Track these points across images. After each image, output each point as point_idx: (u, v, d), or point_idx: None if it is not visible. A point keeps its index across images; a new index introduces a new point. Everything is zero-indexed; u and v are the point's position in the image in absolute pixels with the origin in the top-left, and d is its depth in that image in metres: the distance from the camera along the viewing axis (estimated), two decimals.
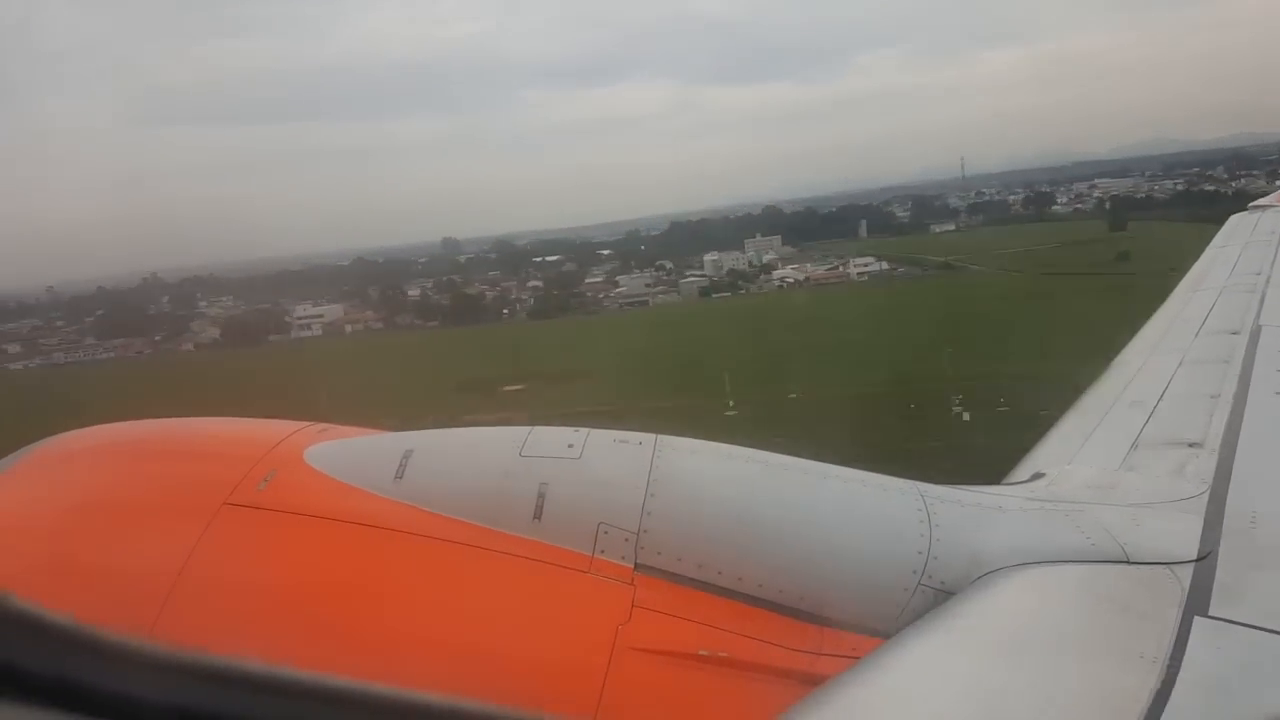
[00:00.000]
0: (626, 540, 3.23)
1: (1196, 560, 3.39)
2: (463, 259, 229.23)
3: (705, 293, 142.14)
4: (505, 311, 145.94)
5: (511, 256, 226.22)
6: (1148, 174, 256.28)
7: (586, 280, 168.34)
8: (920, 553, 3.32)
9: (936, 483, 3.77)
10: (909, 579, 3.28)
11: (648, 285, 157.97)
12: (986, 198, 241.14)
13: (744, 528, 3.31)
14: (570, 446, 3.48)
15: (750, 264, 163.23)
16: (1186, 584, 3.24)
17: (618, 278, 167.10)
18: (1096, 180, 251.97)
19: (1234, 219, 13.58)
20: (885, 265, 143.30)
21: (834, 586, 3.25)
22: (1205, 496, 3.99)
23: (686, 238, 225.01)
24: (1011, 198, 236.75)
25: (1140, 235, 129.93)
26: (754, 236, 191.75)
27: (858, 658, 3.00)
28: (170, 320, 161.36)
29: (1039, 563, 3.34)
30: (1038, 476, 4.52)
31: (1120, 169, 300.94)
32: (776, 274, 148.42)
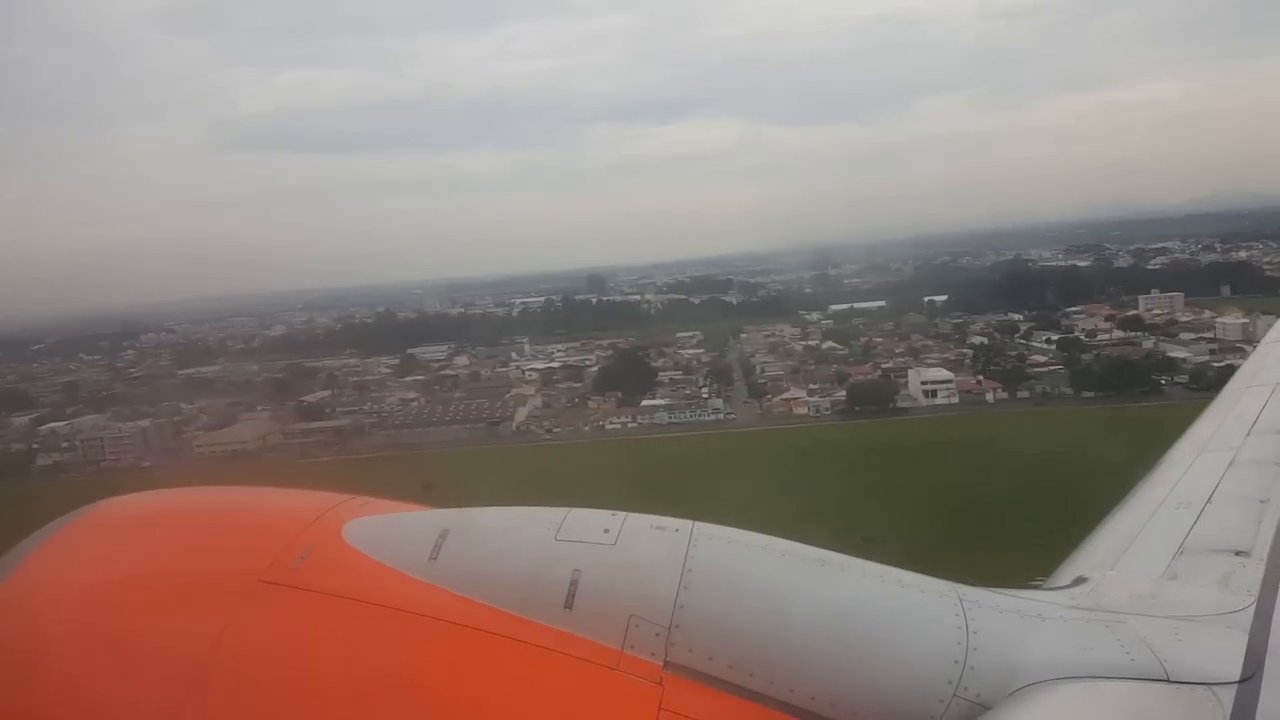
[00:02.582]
0: (657, 635, 3.17)
1: (1240, 682, 3.26)
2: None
3: None
4: (1162, 381, 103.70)
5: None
6: None
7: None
8: (957, 662, 3.23)
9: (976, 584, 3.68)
10: (944, 690, 3.18)
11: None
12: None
13: (778, 628, 3.23)
14: (606, 532, 3.41)
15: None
16: (1228, 707, 3.13)
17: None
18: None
19: None
20: None
21: (868, 696, 3.15)
22: (1250, 611, 3.84)
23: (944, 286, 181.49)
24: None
25: None
26: (1149, 293, 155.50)
27: None
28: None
29: (1076, 678, 3.24)
30: (1080, 581, 4.33)
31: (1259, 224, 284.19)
32: None
